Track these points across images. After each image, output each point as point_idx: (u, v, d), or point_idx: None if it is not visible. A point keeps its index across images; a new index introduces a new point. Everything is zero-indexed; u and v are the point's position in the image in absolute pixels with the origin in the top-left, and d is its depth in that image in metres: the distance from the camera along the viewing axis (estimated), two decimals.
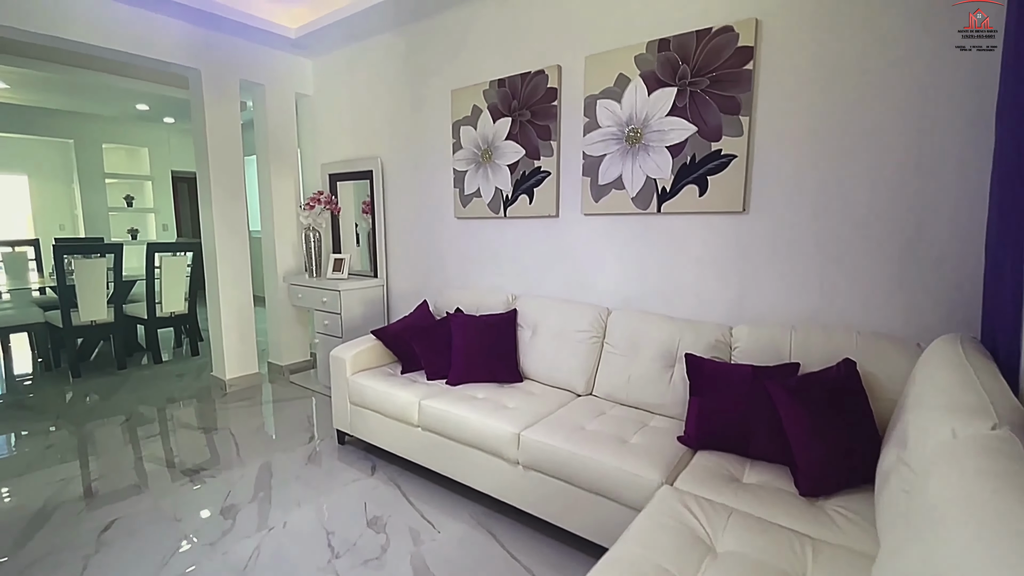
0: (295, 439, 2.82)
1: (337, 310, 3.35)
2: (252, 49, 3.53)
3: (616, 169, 2.37)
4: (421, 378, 2.53)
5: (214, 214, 3.48)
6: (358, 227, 3.85)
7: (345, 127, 3.76)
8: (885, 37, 1.77)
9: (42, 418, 3.18)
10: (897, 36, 1.75)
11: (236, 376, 3.67)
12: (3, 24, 2.57)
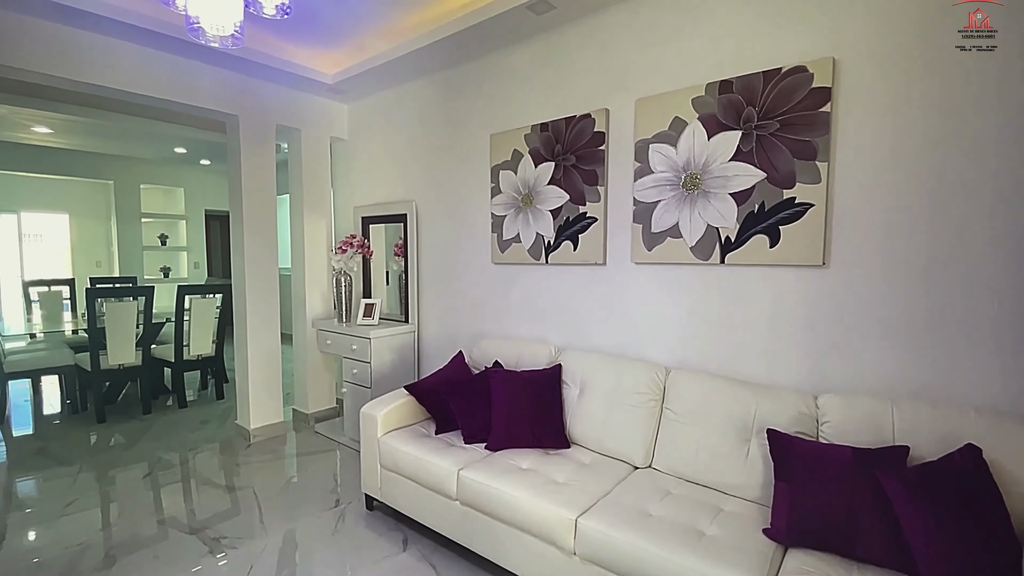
0: (321, 502, 2.62)
1: (367, 359, 3.20)
2: (289, 94, 3.54)
3: (672, 216, 2.20)
4: (458, 440, 2.33)
5: (245, 258, 3.41)
6: (388, 272, 3.73)
7: (380, 171, 3.70)
8: (971, 71, 1.58)
9: (66, 465, 3.07)
10: (988, 71, 1.56)
11: (260, 426, 3.52)
12: (54, 74, 2.58)
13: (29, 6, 2.38)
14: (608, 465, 2.06)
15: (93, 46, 2.69)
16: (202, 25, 1.39)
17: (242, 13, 1.41)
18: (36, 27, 2.51)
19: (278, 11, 1.42)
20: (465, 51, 2.87)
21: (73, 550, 2.17)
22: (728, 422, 1.89)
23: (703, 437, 1.93)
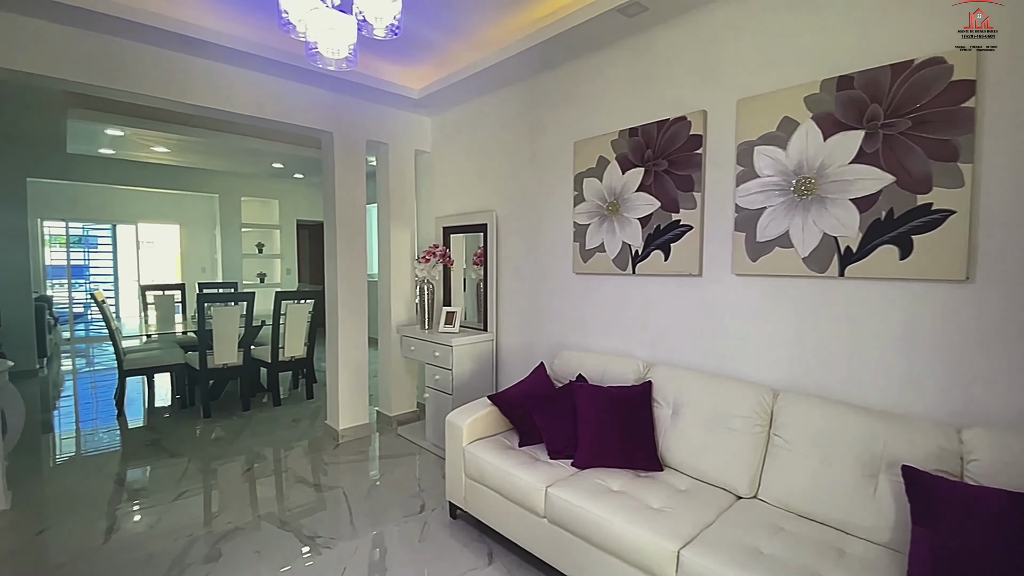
0: (405, 506, 2.67)
1: (449, 366, 3.24)
2: (378, 110, 3.68)
3: (780, 224, 2.03)
4: (542, 454, 2.28)
5: (338, 266, 3.58)
6: (465, 281, 3.78)
7: (461, 181, 3.77)
8: None
9: (176, 457, 3.36)
10: None
11: (348, 427, 3.67)
12: (173, 99, 2.85)
13: (155, 38, 2.64)
14: (707, 492, 1.92)
15: (207, 72, 2.94)
16: (319, 50, 1.46)
17: (355, 35, 1.47)
18: (158, 56, 2.77)
19: (388, 31, 1.46)
20: (550, 59, 2.84)
21: (182, 542, 2.34)
22: (851, 454, 1.69)
23: (820, 469, 1.74)
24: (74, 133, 4.63)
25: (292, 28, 1.46)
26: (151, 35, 2.59)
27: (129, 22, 2.45)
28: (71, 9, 2.32)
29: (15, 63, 2.39)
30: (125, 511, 2.65)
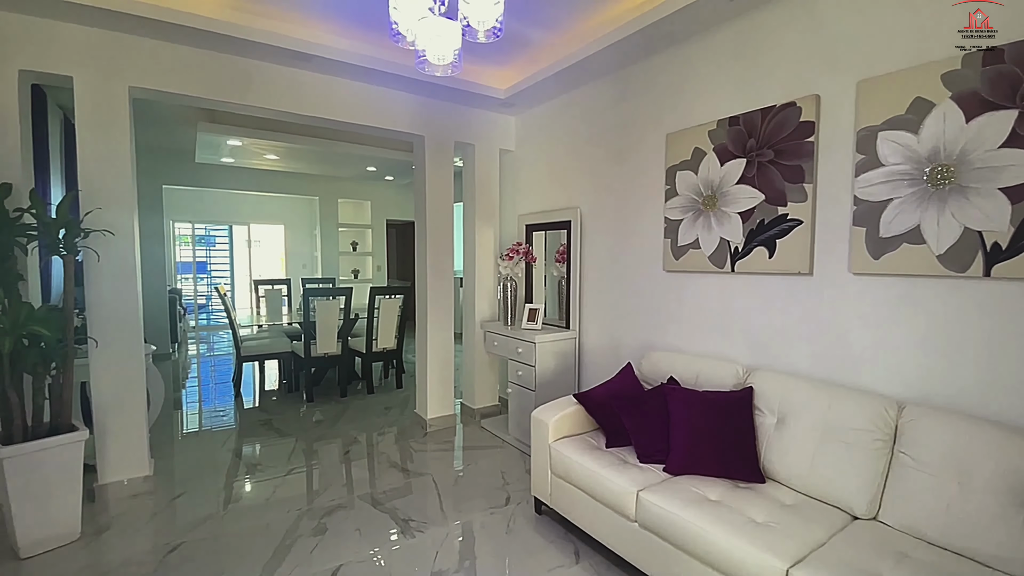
0: (491, 497, 2.73)
1: (532, 362, 3.26)
2: (465, 112, 3.78)
3: (909, 218, 1.82)
4: (631, 457, 2.23)
5: (428, 263, 3.73)
6: (546, 278, 3.78)
7: (544, 179, 3.77)
8: None
9: (285, 437, 3.68)
10: None
11: (436, 416, 3.82)
12: (285, 110, 3.11)
13: (273, 55, 2.90)
14: (817, 510, 1.77)
15: (315, 85, 3.17)
16: (427, 57, 1.53)
17: (460, 41, 1.52)
18: (276, 72, 3.04)
19: (489, 34, 1.49)
20: (640, 50, 2.76)
21: (293, 514, 2.56)
22: (998, 478, 1.48)
23: (957, 492, 1.54)
24: (202, 144, 5.22)
25: (402, 38, 1.54)
26: (271, 53, 2.85)
27: (253, 43, 2.71)
28: (205, 34, 2.61)
29: (158, 84, 2.73)
30: (244, 483, 2.95)
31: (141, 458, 2.79)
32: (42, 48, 2.45)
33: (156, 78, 2.72)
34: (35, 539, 2.17)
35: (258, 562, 2.16)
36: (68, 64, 2.51)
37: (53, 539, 2.22)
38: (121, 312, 2.70)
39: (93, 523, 2.44)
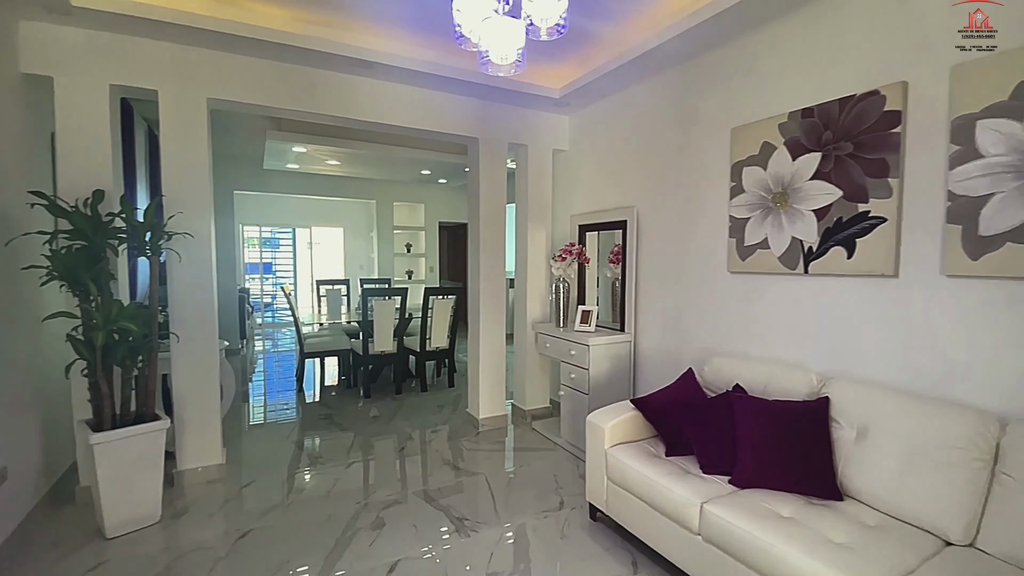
0: (545, 500, 2.70)
1: (585, 365, 3.20)
2: (519, 114, 3.78)
3: (1015, 214, 1.63)
4: (693, 467, 2.13)
5: (480, 264, 3.75)
6: (598, 279, 3.71)
7: (598, 178, 3.70)
8: None
9: (345, 431, 3.82)
10: None
11: (488, 416, 3.83)
12: (348, 116, 3.22)
13: (332, 63, 3.00)
14: (904, 532, 1.62)
15: (373, 91, 3.26)
16: (491, 58, 1.53)
17: (524, 39, 1.51)
18: (339, 80, 3.15)
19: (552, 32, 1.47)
20: (703, 42, 2.65)
21: (353, 507, 2.64)
22: None
23: None
24: (270, 151, 5.51)
25: (465, 40, 1.54)
26: (333, 62, 2.96)
27: (318, 52, 2.82)
28: (275, 46, 2.74)
29: (232, 95, 2.89)
30: (307, 474, 3.07)
31: (215, 447, 2.96)
32: (131, 64, 2.65)
33: (230, 89, 2.88)
34: (120, 520, 2.35)
35: (321, 552, 2.23)
36: (154, 79, 2.71)
37: (136, 521, 2.40)
38: (199, 310, 2.88)
39: (172, 507, 2.62)
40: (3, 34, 2.29)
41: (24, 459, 2.41)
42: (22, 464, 2.39)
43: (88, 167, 2.58)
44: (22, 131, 2.47)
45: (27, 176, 2.51)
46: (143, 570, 2.10)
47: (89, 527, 2.39)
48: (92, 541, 2.29)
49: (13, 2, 2.23)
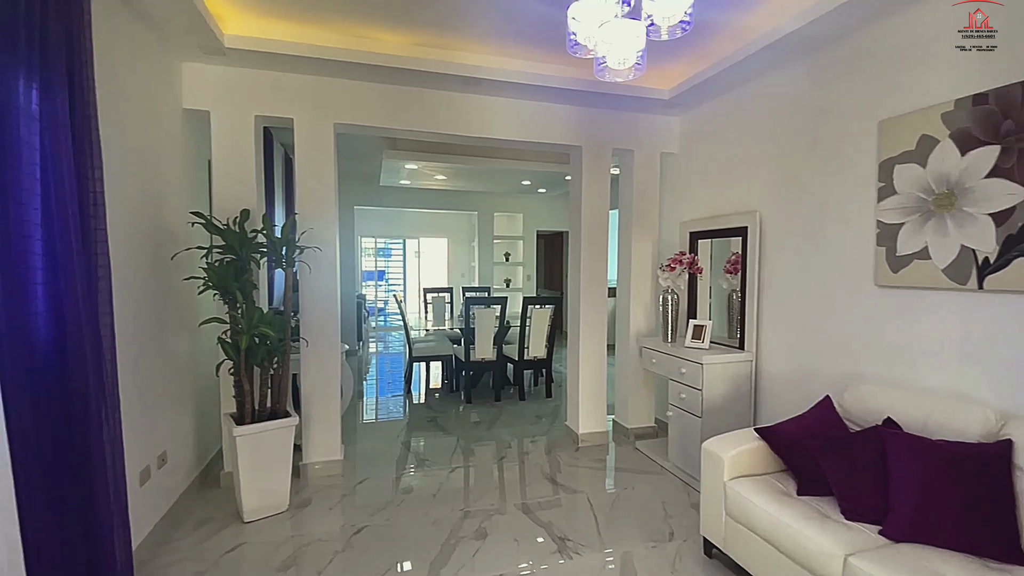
0: (652, 529, 2.53)
1: (698, 385, 2.97)
2: (624, 118, 3.65)
3: None
4: (832, 510, 1.86)
5: (582, 274, 3.67)
6: (710, 290, 3.43)
7: (713, 181, 3.45)
8: None
9: (448, 434, 3.95)
10: None
11: (588, 432, 3.72)
12: (457, 133, 3.33)
13: (443, 82, 3.11)
14: None
15: (480, 107, 3.34)
16: (608, 63, 1.47)
17: (644, 41, 1.43)
18: (444, 98, 3.27)
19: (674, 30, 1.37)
20: (847, 23, 2.33)
21: (457, 514, 2.68)
22: None
23: None
24: (386, 169, 5.92)
25: (581, 48, 1.50)
26: (444, 81, 3.08)
27: (430, 73, 2.95)
28: (392, 70, 2.91)
29: (355, 119, 3.13)
30: (414, 475, 3.19)
31: (334, 444, 3.20)
32: (271, 97, 2.98)
33: (353, 114, 3.12)
34: (255, 506, 2.60)
35: (427, 556, 2.29)
36: (290, 108, 3.02)
37: (267, 508, 2.64)
38: (324, 317, 3.14)
39: (298, 497, 2.85)
40: (169, 75, 2.68)
41: (181, 446, 2.78)
42: (179, 450, 2.75)
43: (237, 189, 2.93)
44: (184, 160, 2.87)
45: (188, 198, 2.91)
46: (273, 556, 2.30)
47: (230, 510, 2.69)
48: (232, 523, 2.57)
49: (177, 46, 2.60)
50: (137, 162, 2.31)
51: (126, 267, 2.17)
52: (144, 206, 2.37)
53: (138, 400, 2.27)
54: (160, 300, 2.52)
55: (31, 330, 1.38)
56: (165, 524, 2.47)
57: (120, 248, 2.09)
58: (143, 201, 2.36)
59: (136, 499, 2.20)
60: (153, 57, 2.47)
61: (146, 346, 2.36)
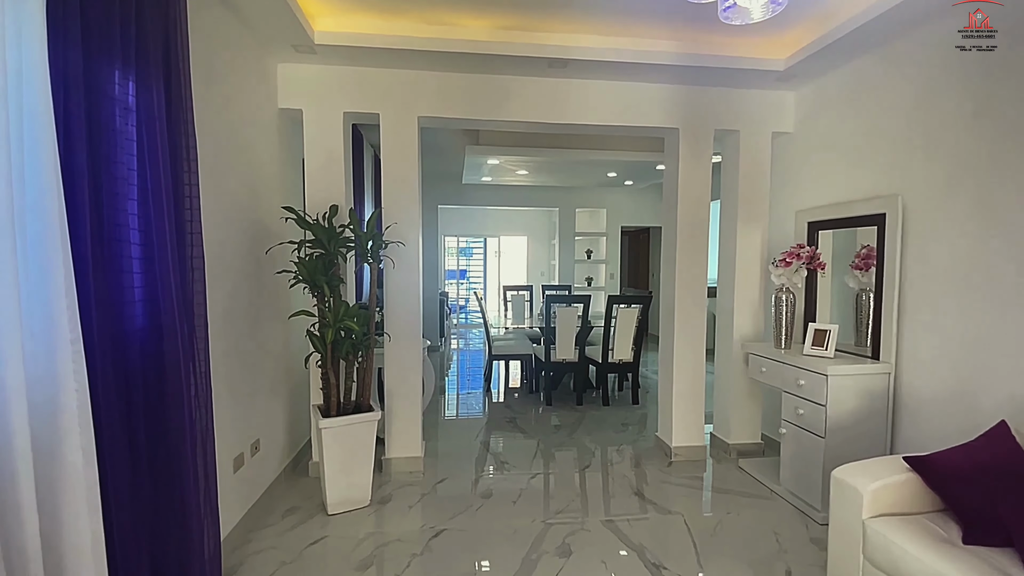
0: (764, 565, 2.19)
1: (821, 400, 2.55)
2: (728, 95, 3.27)
3: None
4: (1012, 566, 1.44)
5: (677, 271, 3.34)
6: (832, 288, 2.94)
7: (839, 162, 2.97)
8: None
9: (528, 437, 3.81)
10: None
11: (681, 445, 3.39)
12: (542, 121, 3.16)
13: (526, 66, 2.94)
14: None
15: (567, 91, 3.14)
16: (737, 1, 1.21)
17: None
18: (528, 84, 3.10)
19: None
20: None
21: (538, 525, 2.50)
22: None
23: None
24: (468, 166, 5.91)
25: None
26: (528, 65, 2.91)
27: (513, 57, 2.80)
28: (473, 57, 2.79)
29: (438, 111, 3.06)
30: (494, 478, 3.06)
31: (415, 440, 3.16)
32: (359, 92, 2.98)
33: (437, 107, 3.06)
34: (339, 499, 2.61)
35: (507, 570, 2.14)
36: (376, 103, 3.01)
37: (351, 502, 2.64)
38: (407, 312, 3.11)
39: (379, 493, 2.83)
40: (266, 75, 2.76)
41: (274, 434, 2.86)
42: (272, 438, 2.83)
43: (327, 186, 2.98)
44: (279, 157, 2.96)
45: (283, 195, 2.99)
46: (353, 553, 2.27)
47: (316, 501, 2.72)
48: (317, 515, 2.59)
49: (272, 46, 2.66)
50: (234, 159, 2.38)
51: (221, 260, 2.23)
52: (240, 201, 2.45)
53: (233, 389, 2.34)
54: (255, 292, 2.59)
55: (125, 319, 1.40)
56: (257, 510, 2.54)
57: (216, 242, 2.15)
58: (239, 196, 2.44)
59: (229, 485, 2.26)
60: (250, 57, 2.54)
61: (241, 337, 2.43)
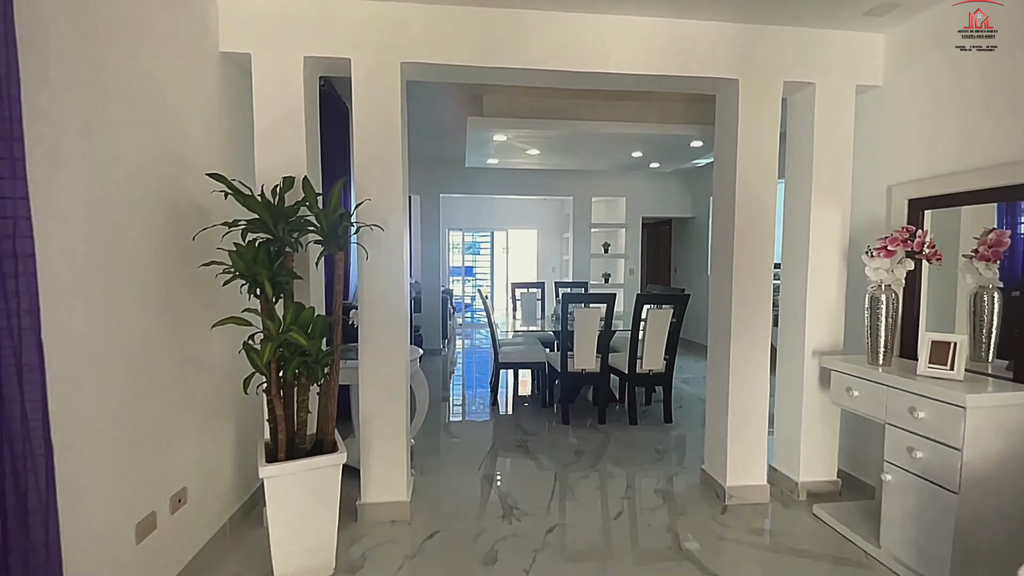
0: None
1: (954, 441, 1.82)
2: (801, 37, 2.53)
3: None
4: None
5: (735, 263, 2.61)
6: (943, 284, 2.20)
7: (953, 119, 2.23)
8: None
9: (542, 468, 3.12)
10: None
11: (737, 485, 2.67)
12: (564, 69, 2.44)
13: None
14: None
15: (596, 28, 2.42)
16: None
17: None
18: (547, 21, 2.39)
19: None
20: None
21: None
22: None
23: None
24: (471, 144, 5.18)
25: None
26: None
27: None
28: None
29: (429, 56, 2.36)
30: (500, 531, 2.36)
31: (399, 480, 2.47)
32: (324, 32, 2.29)
33: (426, 50, 2.36)
34: (291, 570, 1.93)
35: None
36: (346, 46, 2.32)
37: (307, 571, 1.96)
38: (388, 314, 2.42)
39: (348, 555, 2.15)
40: (202, 11, 2.09)
41: (210, 478, 2.18)
42: (207, 484, 2.15)
43: (282, 152, 2.29)
44: (222, 120, 2.27)
45: (229, 165, 2.30)
46: None
47: (267, 566, 2.02)
48: None
49: None
50: (143, 116, 1.70)
51: (115, 251, 1.55)
52: (153, 171, 1.77)
53: (134, 430, 1.66)
54: (179, 293, 1.92)
55: None
56: None
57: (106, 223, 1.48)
58: (151, 165, 1.76)
59: (129, 562, 1.60)
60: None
61: (151, 354, 1.75)
